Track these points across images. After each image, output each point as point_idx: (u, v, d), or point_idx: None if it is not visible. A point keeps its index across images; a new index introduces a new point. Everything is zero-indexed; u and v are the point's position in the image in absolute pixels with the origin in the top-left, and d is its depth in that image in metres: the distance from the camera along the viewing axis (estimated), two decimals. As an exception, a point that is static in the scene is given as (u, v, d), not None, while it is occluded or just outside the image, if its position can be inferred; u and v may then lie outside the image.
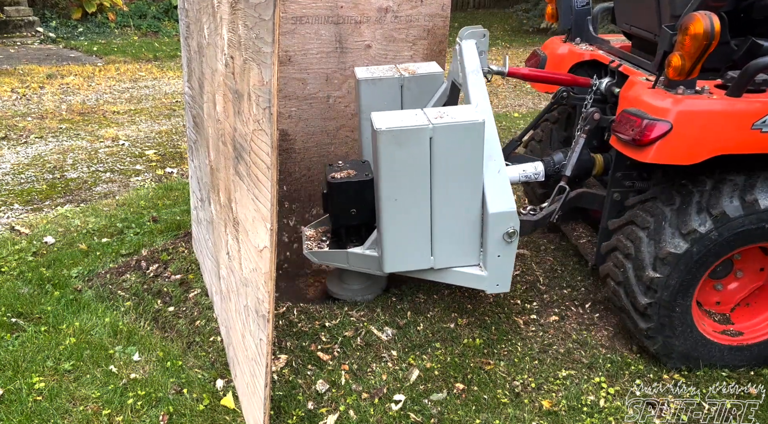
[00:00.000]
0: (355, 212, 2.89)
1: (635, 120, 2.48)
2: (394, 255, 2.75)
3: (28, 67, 9.03)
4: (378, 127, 2.48)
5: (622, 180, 2.90)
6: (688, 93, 2.47)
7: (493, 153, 2.67)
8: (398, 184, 2.58)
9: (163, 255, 3.71)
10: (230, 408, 2.56)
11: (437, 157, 2.55)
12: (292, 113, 3.81)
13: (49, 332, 3.01)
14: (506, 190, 2.64)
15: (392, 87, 3.23)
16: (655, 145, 2.42)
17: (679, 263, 2.54)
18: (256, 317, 2.11)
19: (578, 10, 3.57)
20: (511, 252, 2.68)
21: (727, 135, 2.40)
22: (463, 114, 2.58)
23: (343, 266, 3.01)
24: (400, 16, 3.82)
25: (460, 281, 2.83)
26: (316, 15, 3.66)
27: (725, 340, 2.80)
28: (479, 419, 2.53)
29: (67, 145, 5.89)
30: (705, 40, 2.26)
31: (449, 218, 2.68)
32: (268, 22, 1.67)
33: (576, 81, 3.28)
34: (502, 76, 3.26)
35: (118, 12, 12.16)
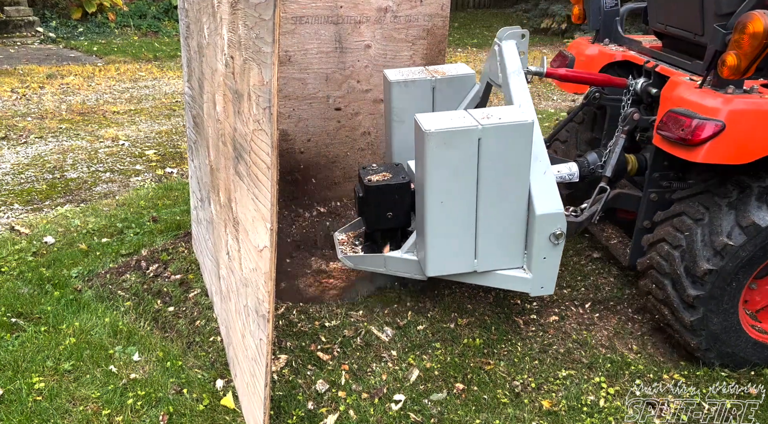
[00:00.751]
0: (391, 215, 2.86)
1: (684, 120, 2.47)
2: (437, 258, 2.70)
3: (28, 67, 9.03)
4: (427, 129, 2.43)
5: (660, 180, 2.90)
6: (738, 93, 2.46)
7: (539, 154, 2.65)
8: (445, 187, 2.54)
9: (163, 255, 3.71)
10: (230, 408, 2.56)
11: (485, 158, 2.51)
12: (292, 113, 3.81)
13: (49, 332, 3.01)
14: (553, 191, 2.62)
15: (424, 89, 3.21)
16: (707, 145, 2.41)
17: (734, 255, 2.53)
18: (256, 316, 2.11)
19: (607, 10, 3.55)
20: (557, 254, 2.65)
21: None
22: (511, 115, 2.55)
23: (380, 270, 2.96)
24: (400, 16, 3.82)
25: (504, 283, 2.78)
26: (316, 15, 3.66)
27: (753, 334, 2.79)
28: (479, 419, 2.53)
29: (67, 145, 5.89)
30: (765, 39, 2.25)
31: (495, 219, 2.64)
32: (269, 22, 1.67)
33: (611, 81, 3.25)
34: (540, 76, 3.24)
35: (118, 12, 12.16)
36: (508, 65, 3.00)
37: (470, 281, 2.82)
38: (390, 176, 2.87)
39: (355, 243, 3.11)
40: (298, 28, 3.64)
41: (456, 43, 12.04)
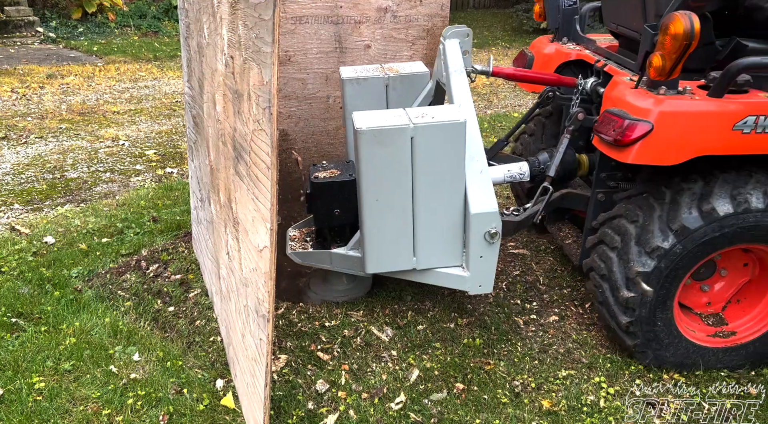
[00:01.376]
0: (338, 212, 2.86)
1: (617, 120, 2.48)
2: (376, 256, 2.73)
3: (28, 67, 9.04)
4: (359, 127, 2.46)
5: (607, 181, 2.89)
6: (670, 93, 2.46)
7: (476, 153, 2.66)
8: (380, 185, 2.57)
9: (163, 255, 3.71)
10: (230, 408, 2.56)
11: (419, 157, 2.53)
12: (292, 113, 3.81)
13: (49, 332, 3.01)
14: (488, 190, 2.62)
15: (377, 86, 3.21)
16: (636, 146, 2.41)
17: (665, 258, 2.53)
18: (256, 316, 2.11)
19: (565, 9, 3.56)
20: (493, 253, 2.66)
21: (708, 136, 2.39)
22: (445, 114, 2.56)
23: (326, 267, 2.99)
24: (400, 16, 3.82)
25: (443, 281, 2.81)
26: (316, 15, 3.66)
27: (692, 336, 2.78)
28: (479, 419, 2.53)
29: (67, 145, 5.89)
30: (685, 40, 2.25)
31: (431, 218, 2.66)
32: (268, 22, 1.67)
33: (561, 81, 3.27)
34: (486, 75, 3.25)
35: (118, 12, 12.16)
36: (450, 64, 3.01)
37: (410, 278, 2.85)
38: (338, 173, 2.88)
39: (306, 239, 3.13)
40: (298, 28, 3.64)
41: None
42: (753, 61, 2.38)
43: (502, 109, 7.48)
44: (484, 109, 7.50)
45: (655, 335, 2.69)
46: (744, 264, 2.80)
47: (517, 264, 3.66)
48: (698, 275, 2.82)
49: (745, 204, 2.46)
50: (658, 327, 2.67)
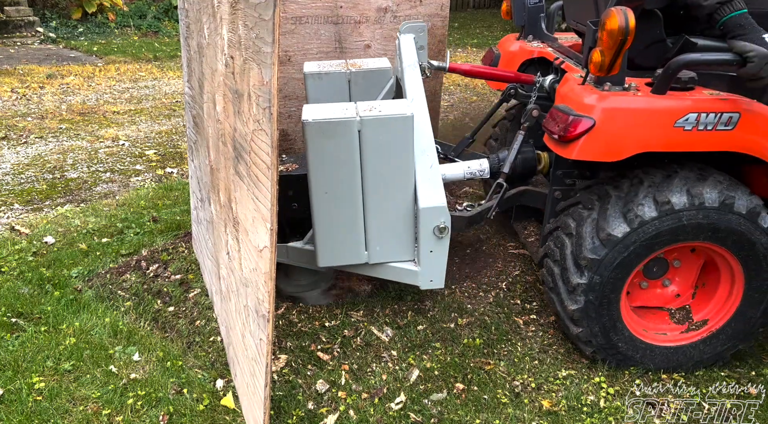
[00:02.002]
0: (296, 206, 2.87)
1: (562, 116, 2.49)
2: (327, 249, 2.72)
3: (28, 67, 9.04)
4: (305, 119, 2.45)
5: (563, 178, 2.89)
6: (615, 90, 2.46)
7: (426, 148, 2.65)
8: (328, 177, 2.56)
9: (163, 255, 3.71)
10: (230, 408, 2.56)
11: (367, 150, 2.52)
12: (292, 113, 3.81)
13: (49, 332, 3.01)
14: (437, 185, 2.60)
15: (339, 81, 3.21)
16: (580, 142, 2.41)
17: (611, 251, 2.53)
18: (256, 316, 2.11)
19: (531, 7, 3.59)
20: (443, 247, 2.64)
21: (649, 133, 2.39)
22: (393, 108, 2.55)
23: (283, 260, 2.98)
24: (399, 16, 3.82)
25: (395, 276, 2.79)
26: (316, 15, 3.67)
27: (693, 336, 2.77)
28: (479, 419, 2.53)
29: (67, 145, 5.89)
30: (620, 36, 2.25)
31: (382, 212, 2.65)
32: (268, 22, 1.67)
33: (519, 78, 3.28)
34: (443, 71, 3.27)
35: (118, 12, 12.16)
36: (405, 59, 3.01)
37: (363, 272, 2.84)
38: (297, 167, 2.89)
39: None
40: (298, 28, 3.64)
41: (456, 43, 12.04)
42: (692, 57, 2.38)
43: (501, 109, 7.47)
44: (484, 109, 7.49)
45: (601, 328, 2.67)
46: (691, 250, 2.76)
47: (517, 264, 3.66)
48: (652, 274, 2.80)
49: (668, 205, 2.46)
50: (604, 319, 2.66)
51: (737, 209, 2.48)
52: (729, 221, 2.49)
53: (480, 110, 7.44)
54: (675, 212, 2.46)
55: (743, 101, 2.41)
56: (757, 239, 2.53)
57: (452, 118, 7.12)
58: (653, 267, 2.78)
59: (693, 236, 2.52)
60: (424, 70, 3.25)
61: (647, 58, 2.70)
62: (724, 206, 2.47)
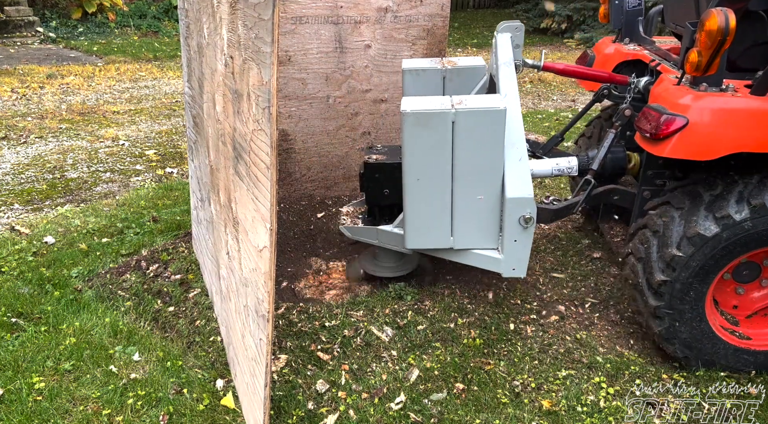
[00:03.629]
0: (387, 192, 3.07)
1: (654, 115, 2.51)
2: (415, 232, 2.87)
3: (28, 67, 9.04)
4: (404, 110, 2.62)
5: (654, 178, 2.91)
6: (712, 90, 2.47)
7: (516, 141, 2.75)
8: (421, 165, 2.70)
9: (163, 255, 3.71)
10: (230, 408, 2.56)
11: (459, 140, 2.64)
12: (292, 113, 3.81)
13: (49, 332, 3.01)
14: (525, 177, 2.70)
15: (435, 78, 3.36)
16: (672, 140, 2.43)
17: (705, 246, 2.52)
18: (256, 316, 2.11)
19: (629, 10, 3.62)
20: (527, 238, 2.72)
21: (745, 133, 2.39)
22: (486, 101, 2.68)
23: (372, 241, 3.15)
24: (400, 16, 3.82)
25: (478, 262, 2.90)
26: (316, 15, 3.66)
27: (733, 340, 2.76)
28: (479, 419, 2.53)
29: (67, 145, 5.89)
30: (719, 36, 2.26)
31: (470, 200, 2.76)
32: (268, 22, 1.67)
33: (613, 79, 3.30)
34: (537, 69, 3.33)
35: (118, 12, 12.16)
36: (500, 56, 3.13)
37: (448, 257, 2.97)
38: (389, 156, 3.10)
39: (358, 217, 3.33)
40: (299, 28, 3.64)
41: (456, 43, 12.04)
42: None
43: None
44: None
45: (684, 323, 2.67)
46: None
47: (517, 264, 3.66)
48: (740, 276, 2.78)
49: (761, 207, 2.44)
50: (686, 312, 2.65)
51: None
52: None
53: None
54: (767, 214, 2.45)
55: None
56: None
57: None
58: (744, 270, 2.76)
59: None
60: (518, 67, 3.33)
61: (749, 60, 2.68)
62: None
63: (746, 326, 2.84)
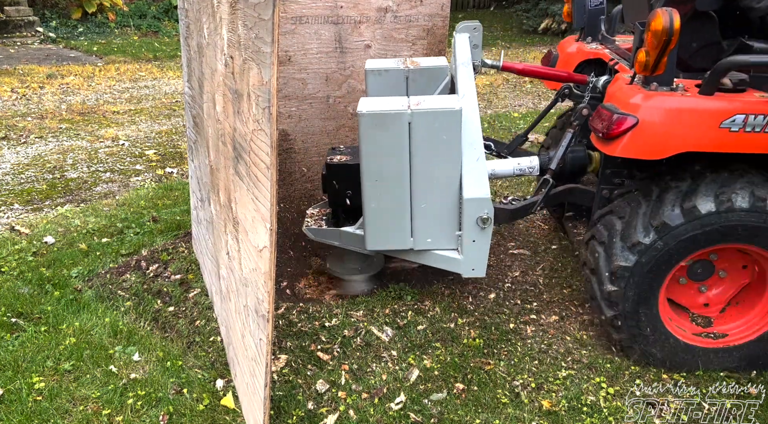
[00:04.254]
0: (350, 193, 3.03)
1: (607, 114, 2.53)
2: (375, 234, 2.86)
3: (28, 67, 9.04)
4: (360, 111, 2.60)
5: (612, 177, 2.92)
6: (662, 90, 2.49)
7: (474, 141, 2.74)
8: (379, 166, 2.69)
9: (163, 255, 3.71)
10: (230, 408, 2.56)
11: (416, 141, 2.63)
12: (292, 113, 3.81)
13: (49, 332, 3.01)
14: (483, 177, 2.70)
15: (398, 78, 3.34)
16: (623, 139, 2.45)
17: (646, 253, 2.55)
18: (256, 316, 2.11)
19: (591, 9, 3.65)
20: (485, 238, 2.73)
21: (693, 133, 2.41)
22: (443, 102, 2.67)
23: (336, 243, 3.12)
24: (400, 16, 3.82)
25: (438, 263, 2.89)
26: (316, 15, 3.66)
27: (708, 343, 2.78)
28: (479, 419, 2.53)
29: (67, 145, 5.89)
30: (664, 36, 2.29)
31: (428, 201, 2.76)
32: (268, 22, 1.67)
33: (572, 78, 3.34)
34: (496, 69, 3.34)
35: (118, 12, 12.16)
36: (458, 57, 3.13)
37: (408, 258, 2.98)
38: (349, 158, 3.06)
39: (323, 218, 3.30)
40: (299, 28, 3.64)
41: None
42: (740, 59, 2.41)
43: (502, 109, 7.48)
44: (485, 109, 7.49)
45: (639, 330, 2.70)
46: (743, 266, 2.79)
47: (517, 264, 3.66)
48: (695, 276, 2.81)
49: (728, 203, 2.47)
50: (642, 323, 2.68)
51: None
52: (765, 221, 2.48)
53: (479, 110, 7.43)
54: (702, 216, 2.47)
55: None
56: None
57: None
58: (698, 268, 2.78)
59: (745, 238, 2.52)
60: (476, 67, 3.33)
61: (701, 60, 2.70)
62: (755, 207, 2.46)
63: (721, 323, 2.86)
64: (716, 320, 2.86)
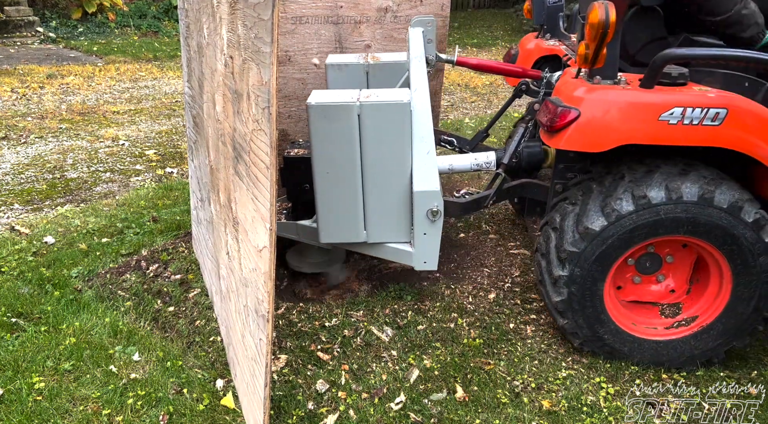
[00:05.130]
0: (307, 187, 2.99)
1: (552, 107, 2.56)
2: (328, 227, 2.85)
3: (28, 67, 9.04)
4: (309, 102, 2.60)
5: (565, 172, 2.92)
6: (605, 83, 2.52)
7: (425, 135, 2.74)
8: (329, 158, 2.68)
9: (163, 255, 3.71)
10: (230, 408, 2.56)
11: (366, 134, 2.64)
12: (292, 113, 3.81)
13: (49, 332, 3.01)
14: (433, 171, 2.70)
15: (358, 73, 3.34)
16: (566, 132, 2.48)
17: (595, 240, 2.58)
18: (256, 316, 2.11)
19: (550, 6, 3.70)
20: (436, 231, 2.73)
21: (633, 125, 2.43)
22: (392, 95, 2.68)
23: (293, 237, 3.12)
24: (400, 16, 3.82)
25: (391, 256, 2.90)
26: (316, 15, 3.66)
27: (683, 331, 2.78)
28: (479, 419, 2.53)
29: (67, 145, 5.89)
30: (600, 29, 2.31)
31: (380, 194, 2.76)
32: (267, 22, 1.67)
33: (526, 73, 3.39)
34: (451, 64, 3.39)
35: (118, 12, 12.17)
36: (412, 51, 3.14)
37: (362, 251, 2.98)
38: (309, 151, 3.01)
39: (283, 212, 3.29)
40: (298, 28, 3.64)
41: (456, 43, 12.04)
42: (677, 52, 2.44)
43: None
44: (484, 108, 7.50)
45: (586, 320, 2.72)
46: (683, 245, 2.77)
47: (517, 264, 3.66)
48: (646, 269, 2.81)
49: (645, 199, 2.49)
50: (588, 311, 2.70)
51: (717, 204, 2.49)
52: (709, 215, 2.51)
53: (479, 110, 7.44)
54: (652, 206, 2.50)
55: (733, 98, 2.43)
56: (741, 233, 2.53)
57: (452, 118, 7.11)
58: (646, 262, 2.79)
59: (672, 230, 2.55)
60: (430, 62, 3.34)
61: (648, 54, 2.73)
62: (703, 200, 2.49)
63: (690, 304, 2.85)
64: (685, 303, 2.85)
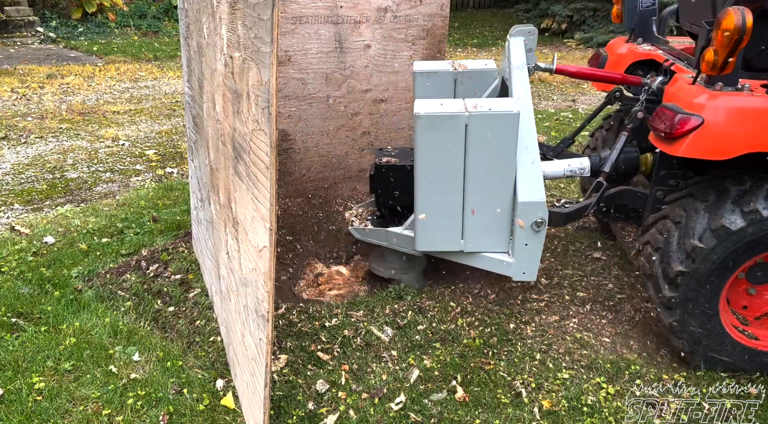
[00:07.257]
0: (397, 194, 3.10)
1: (669, 114, 2.50)
2: (426, 235, 2.88)
3: (28, 67, 9.04)
4: (417, 112, 2.63)
5: (667, 178, 2.90)
6: (728, 90, 2.46)
7: (529, 145, 2.75)
8: (433, 167, 2.71)
9: (163, 255, 3.71)
10: (230, 408, 2.56)
11: (472, 144, 2.65)
12: (292, 113, 3.81)
13: (49, 332, 3.01)
14: (538, 181, 2.70)
15: (446, 80, 3.38)
16: (687, 139, 2.42)
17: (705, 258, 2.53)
18: (256, 316, 2.11)
19: (642, 10, 3.59)
20: (539, 241, 2.73)
21: (760, 132, 2.38)
22: (500, 105, 2.69)
23: (382, 243, 3.17)
24: (399, 15, 3.82)
25: (488, 266, 2.91)
26: (316, 15, 3.66)
27: (742, 338, 2.75)
28: (479, 419, 2.53)
29: (67, 145, 5.89)
30: (736, 35, 2.26)
31: (481, 203, 2.77)
32: (267, 22, 1.67)
33: (626, 79, 3.28)
34: (549, 73, 3.32)
35: (118, 12, 12.17)
36: (513, 60, 3.14)
37: (458, 260, 2.99)
38: (400, 159, 3.13)
39: (368, 218, 3.37)
40: (298, 28, 3.64)
41: (456, 43, 12.04)
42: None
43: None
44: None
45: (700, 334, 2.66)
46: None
47: (517, 264, 3.66)
48: (754, 277, 2.76)
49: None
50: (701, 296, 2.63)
51: None
52: None
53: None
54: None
55: None
56: None
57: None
58: (758, 271, 2.74)
59: None
60: (530, 70, 3.32)
61: (765, 59, 2.67)
62: None
63: (755, 327, 2.83)
64: (752, 323, 2.84)
